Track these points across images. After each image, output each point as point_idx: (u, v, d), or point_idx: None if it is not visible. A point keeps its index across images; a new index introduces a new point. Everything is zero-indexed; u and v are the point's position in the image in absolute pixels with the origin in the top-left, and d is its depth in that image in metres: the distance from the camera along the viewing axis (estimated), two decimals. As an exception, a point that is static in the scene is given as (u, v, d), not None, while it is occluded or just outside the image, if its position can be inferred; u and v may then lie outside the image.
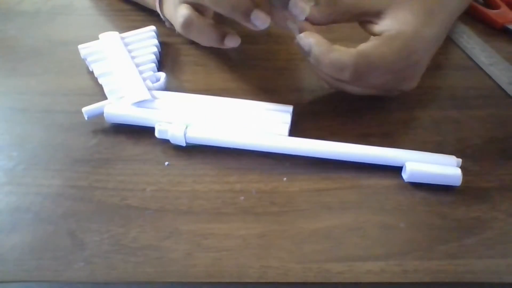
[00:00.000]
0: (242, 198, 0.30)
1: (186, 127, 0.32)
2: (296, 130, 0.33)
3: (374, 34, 0.33)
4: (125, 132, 0.34)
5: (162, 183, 0.31)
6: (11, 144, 0.33)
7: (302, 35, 0.32)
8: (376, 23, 0.33)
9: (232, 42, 0.33)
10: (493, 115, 0.36)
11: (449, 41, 0.43)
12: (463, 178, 0.30)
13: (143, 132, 0.33)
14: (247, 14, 0.30)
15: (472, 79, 0.39)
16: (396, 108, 0.36)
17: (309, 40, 0.31)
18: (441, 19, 0.33)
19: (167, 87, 0.37)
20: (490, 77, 0.39)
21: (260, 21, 0.30)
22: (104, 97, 0.35)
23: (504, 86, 0.38)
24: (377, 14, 0.32)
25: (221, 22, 0.35)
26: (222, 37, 0.33)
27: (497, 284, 0.26)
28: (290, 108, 0.34)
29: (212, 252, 0.27)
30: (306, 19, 0.32)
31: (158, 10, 0.40)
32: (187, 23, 0.33)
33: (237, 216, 0.29)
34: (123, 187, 0.31)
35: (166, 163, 0.32)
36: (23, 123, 0.35)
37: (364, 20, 0.33)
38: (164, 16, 0.40)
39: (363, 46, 0.31)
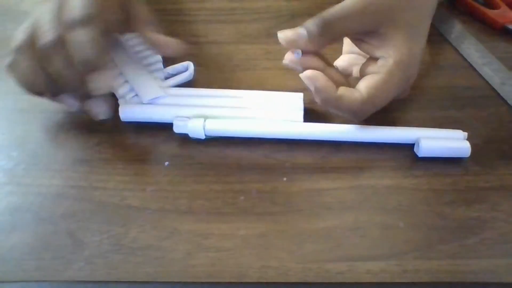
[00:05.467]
0: (242, 198, 0.30)
1: (205, 120, 0.32)
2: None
3: (369, 54, 0.33)
4: (125, 132, 0.34)
5: (162, 183, 0.31)
6: (11, 144, 0.33)
7: (306, 75, 0.31)
8: (369, 43, 0.32)
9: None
10: (493, 115, 0.36)
11: (448, 41, 0.43)
12: (464, 178, 0.31)
13: (143, 132, 0.33)
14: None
15: (472, 79, 0.39)
16: (396, 108, 0.36)
17: (315, 83, 0.31)
18: (424, 29, 0.33)
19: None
20: (483, 77, 0.39)
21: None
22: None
23: (495, 86, 0.38)
24: (369, 34, 0.32)
25: None
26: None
27: (497, 284, 0.26)
28: (301, 95, 0.35)
29: (212, 252, 0.27)
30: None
31: None
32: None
33: (237, 216, 0.29)
34: (123, 187, 0.31)
35: (166, 163, 0.32)
36: (23, 123, 0.35)
37: (356, 38, 0.33)
38: None
39: (367, 88, 0.31)
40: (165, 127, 0.33)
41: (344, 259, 0.27)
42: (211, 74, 0.39)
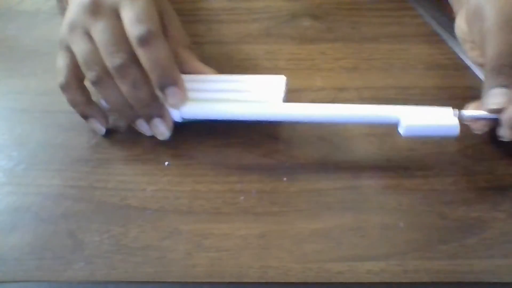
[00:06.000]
0: (242, 198, 0.30)
1: None
2: (296, 130, 0.33)
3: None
4: (125, 131, 0.34)
5: (162, 183, 0.31)
6: (11, 144, 0.33)
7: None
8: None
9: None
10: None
11: (448, 41, 0.43)
12: (464, 178, 0.31)
13: (143, 132, 0.33)
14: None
15: (472, 79, 0.39)
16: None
17: None
18: None
19: None
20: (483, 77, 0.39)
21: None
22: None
23: None
24: None
25: None
26: None
27: (497, 284, 0.26)
28: (283, 77, 0.33)
29: (212, 252, 0.27)
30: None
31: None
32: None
33: (237, 216, 0.29)
34: (123, 187, 0.31)
35: (166, 163, 0.32)
36: (23, 123, 0.35)
37: None
38: None
39: None
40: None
41: (344, 259, 0.27)
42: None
